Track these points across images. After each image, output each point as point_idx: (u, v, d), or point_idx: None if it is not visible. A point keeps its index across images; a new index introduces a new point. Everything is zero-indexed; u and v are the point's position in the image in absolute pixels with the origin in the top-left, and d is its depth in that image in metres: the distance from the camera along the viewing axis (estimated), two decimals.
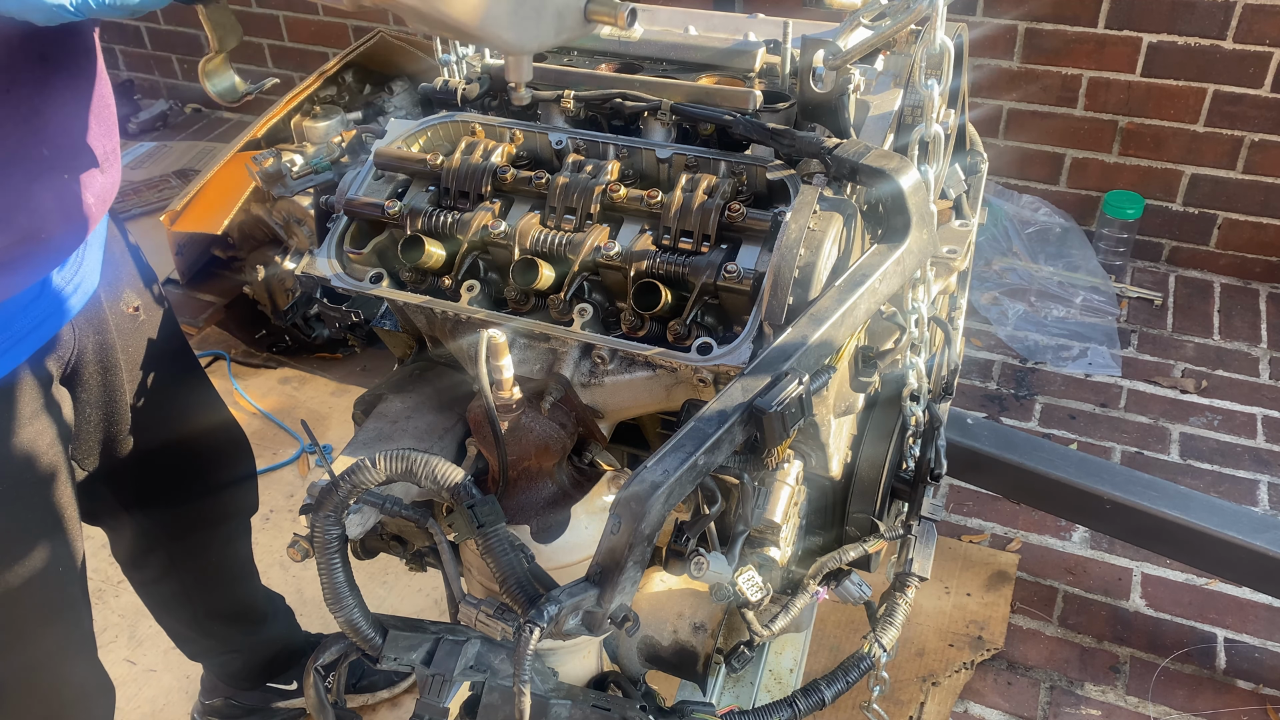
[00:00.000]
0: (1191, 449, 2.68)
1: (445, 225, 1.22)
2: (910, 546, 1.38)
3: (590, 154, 1.27)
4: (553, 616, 0.95)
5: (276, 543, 2.50)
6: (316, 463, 2.72)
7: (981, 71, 3.22)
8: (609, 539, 0.96)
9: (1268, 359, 2.98)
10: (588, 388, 1.23)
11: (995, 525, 2.49)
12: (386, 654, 1.13)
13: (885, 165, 1.10)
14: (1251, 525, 2.00)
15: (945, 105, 1.24)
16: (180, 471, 1.63)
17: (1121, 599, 2.30)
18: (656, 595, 1.39)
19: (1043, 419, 2.80)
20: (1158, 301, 3.21)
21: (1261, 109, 3.02)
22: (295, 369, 3.13)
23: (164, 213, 2.96)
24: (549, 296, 1.18)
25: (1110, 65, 3.11)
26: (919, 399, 1.40)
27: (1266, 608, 2.25)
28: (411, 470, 1.06)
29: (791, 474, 1.17)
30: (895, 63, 1.33)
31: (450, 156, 1.26)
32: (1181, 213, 3.28)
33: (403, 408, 1.33)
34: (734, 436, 0.99)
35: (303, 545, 1.18)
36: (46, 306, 1.22)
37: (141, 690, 2.21)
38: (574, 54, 1.39)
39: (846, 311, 1.05)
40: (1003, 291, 3.19)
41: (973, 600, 2.29)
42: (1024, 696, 2.11)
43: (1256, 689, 2.10)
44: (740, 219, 1.15)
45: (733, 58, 1.31)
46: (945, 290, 1.43)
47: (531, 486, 1.24)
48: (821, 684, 1.31)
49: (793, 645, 1.89)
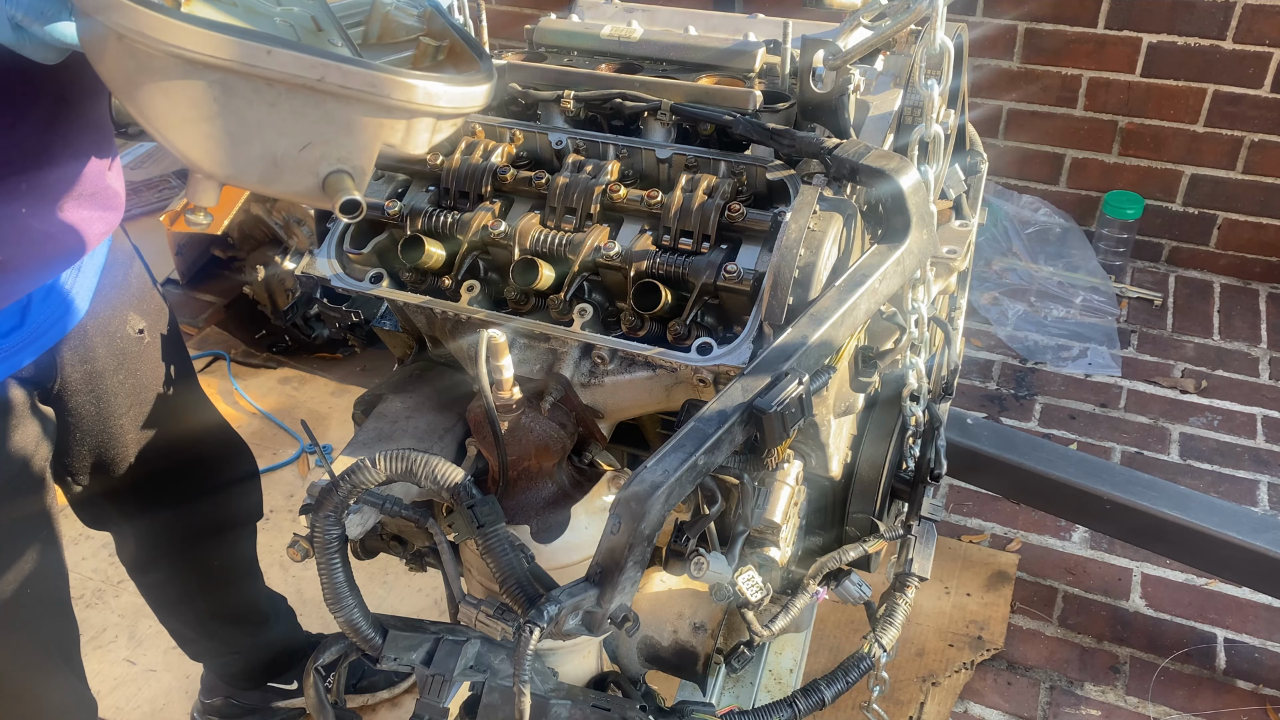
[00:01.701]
0: (1191, 449, 2.68)
1: (445, 225, 1.22)
2: (910, 546, 1.38)
3: (590, 154, 1.27)
4: (553, 616, 0.95)
5: (276, 543, 2.50)
6: (316, 463, 2.72)
7: (981, 71, 3.22)
8: (609, 539, 0.96)
9: (1267, 359, 2.98)
10: (588, 388, 1.23)
11: (995, 525, 2.49)
12: (386, 654, 1.13)
13: (885, 165, 1.09)
14: (1251, 525, 2.00)
15: (945, 105, 1.24)
16: (182, 483, 1.63)
17: (1121, 599, 2.30)
18: (656, 595, 1.39)
19: (1043, 419, 2.80)
20: (1158, 302, 3.21)
21: (1261, 109, 3.02)
22: (295, 369, 3.12)
23: (164, 213, 2.96)
24: (549, 296, 1.18)
25: (1110, 65, 3.11)
26: (919, 399, 1.40)
27: (1266, 608, 2.25)
28: (411, 470, 1.06)
29: (791, 474, 1.17)
30: (895, 63, 1.33)
31: (450, 157, 1.26)
32: (1181, 213, 3.28)
33: (403, 408, 1.33)
34: (734, 436, 0.99)
35: (303, 545, 1.18)
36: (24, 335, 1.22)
37: (141, 690, 2.21)
38: (574, 54, 1.39)
39: (846, 311, 1.05)
40: (1003, 291, 3.19)
41: (973, 600, 2.29)
42: (1024, 696, 2.11)
43: (1256, 689, 2.10)
44: (740, 219, 1.15)
45: (733, 58, 1.31)
46: (945, 290, 1.43)
47: (531, 486, 1.23)
48: (821, 684, 1.31)
49: (793, 645, 1.89)
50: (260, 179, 0.81)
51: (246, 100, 0.77)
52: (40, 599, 1.37)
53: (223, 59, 0.74)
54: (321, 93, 0.77)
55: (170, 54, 0.73)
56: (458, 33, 0.98)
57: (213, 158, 0.80)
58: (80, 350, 1.33)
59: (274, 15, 0.92)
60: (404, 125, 0.82)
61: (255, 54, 0.74)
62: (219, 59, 0.74)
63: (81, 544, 2.51)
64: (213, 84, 0.75)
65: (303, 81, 0.76)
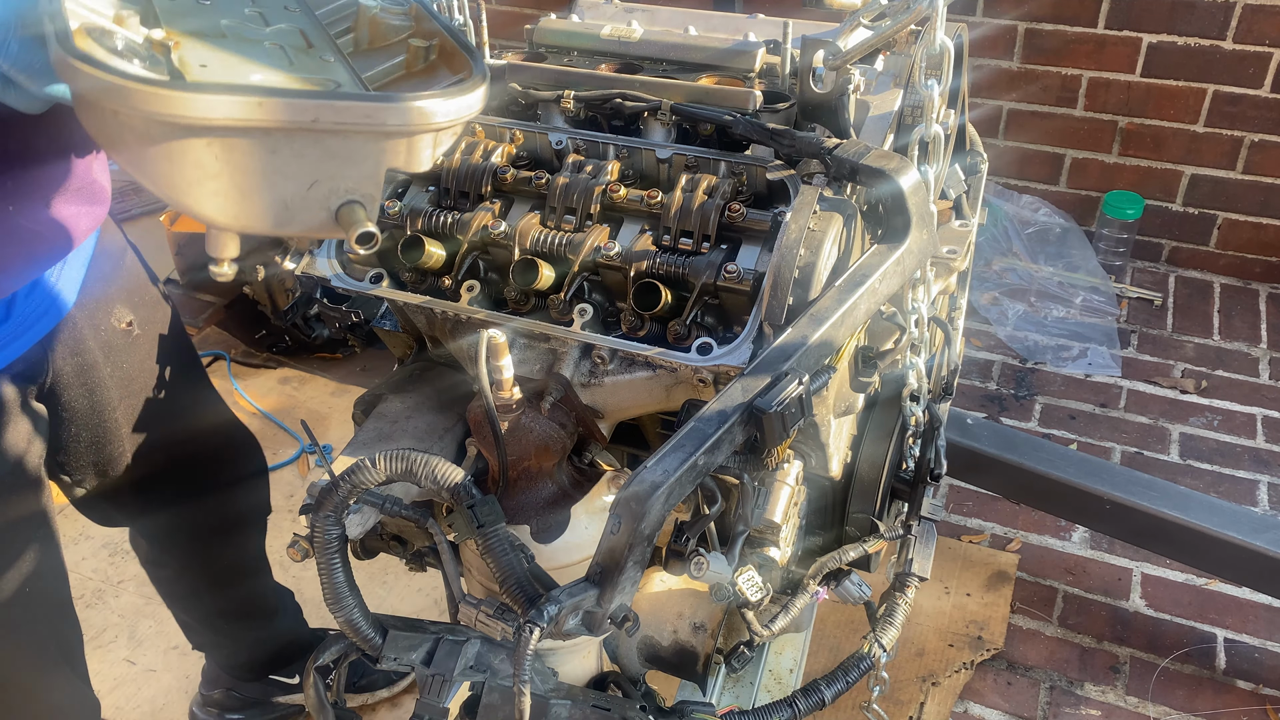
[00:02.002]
0: (1191, 449, 2.68)
1: (445, 225, 1.22)
2: (910, 546, 1.38)
3: (590, 154, 1.27)
4: (553, 616, 0.95)
5: (276, 543, 2.48)
6: (316, 463, 2.72)
7: (981, 71, 3.22)
8: (609, 539, 0.96)
9: (1267, 359, 2.98)
10: (588, 388, 1.23)
11: (995, 525, 2.49)
12: (386, 654, 1.13)
13: (885, 165, 1.09)
14: (1251, 525, 2.00)
15: (945, 105, 1.24)
16: (184, 480, 1.62)
17: (1121, 599, 2.30)
18: (656, 595, 1.39)
19: (1043, 419, 2.80)
20: (1157, 302, 3.21)
21: (1261, 109, 3.02)
22: (295, 369, 3.12)
23: (164, 213, 2.96)
24: (549, 296, 1.18)
25: (1110, 65, 3.11)
26: (919, 399, 1.40)
27: (1266, 608, 2.25)
28: (411, 470, 1.06)
29: (791, 474, 1.17)
30: (895, 63, 1.33)
31: (450, 157, 1.26)
32: (1181, 213, 3.28)
33: (403, 408, 1.33)
34: (734, 436, 0.99)
35: (303, 545, 1.18)
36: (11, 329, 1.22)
37: (141, 690, 2.21)
38: (574, 54, 1.39)
39: (846, 311, 1.05)
40: (1003, 291, 3.19)
41: (973, 600, 2.29)
42: (1024, 696, 2.11)
43: (1256, 689, 2.10)
44: (740, 219, 1.15)
45: (733, 58, 1.31)
46: (945, 290, 1.43)
47: (531, 486, 1.23)
48: (821, 684, 1.31)
49: (793, 645, 1.89)
50: (274, 224, 0.81)
51: (247, 153, 0.76)
52: (39, 599, 1.37)
53: (216, 119, 0.73)
54: (319, 132, 0.77)
55: (163, 122, 0.73)
56: (446, 30, 0.97)
57: (224, 212, 0.79)
58: (70, 343, 1.33)
59: (264, 40, 0.91)
60: (405, 146, 0.81)
61: (247, 108, 0.73)
62: (212, 120, 0.73)
63: (81, 544, 2.51)
64: (211, 143, 0.75)
65: (298, 126, 0.76)
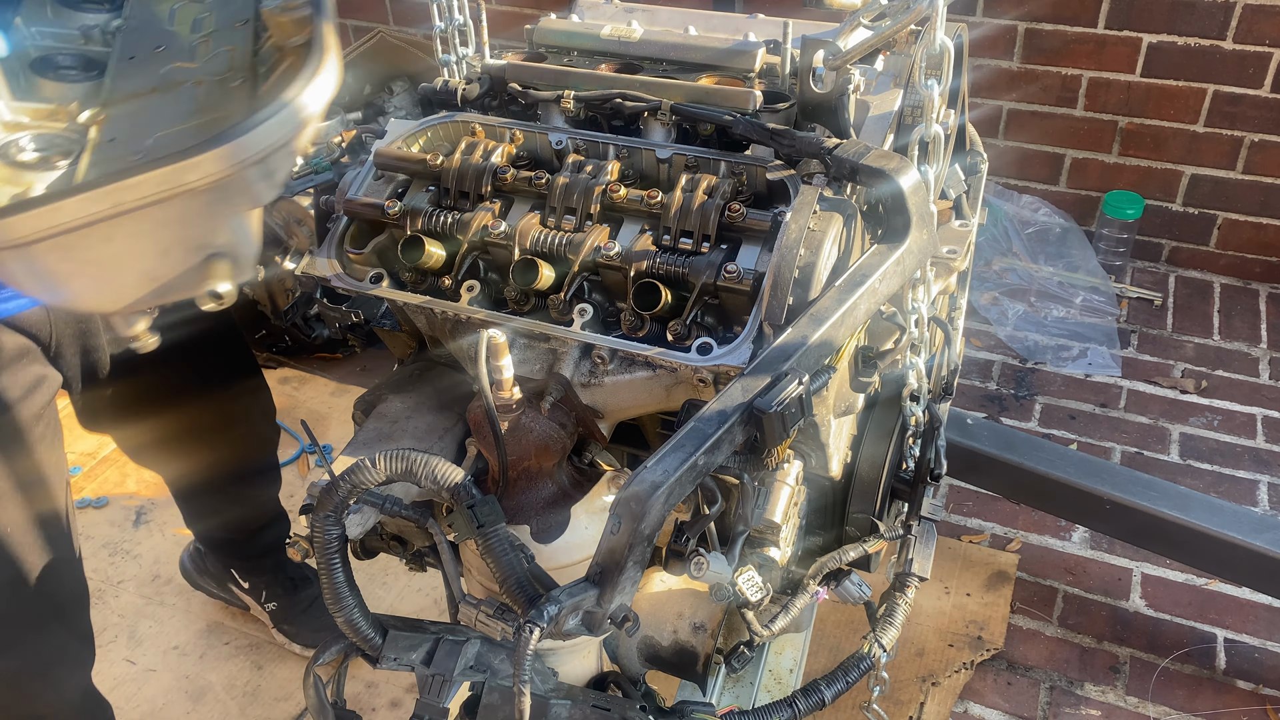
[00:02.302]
0: (1191, 449, 2.68)
1: (445, 225, 1.22)
2: (910, 546, 1.38)
3: (590, 154, 1.27)
4: (553, 616, 0.95)
5: None
6: (316, 463, 2.72)
7: (981, 71, 3.21)
8: (609, 539, 0.96)
9: (1267, 359, 2.98)
10: (588, 388, 1.23)
11: (995, 525, 2.49)
12: (386, 654, 1.13)
13: (885, 165, 1.10)
14: (1251, 525, 2.00)
15: (945, 105, 1.24)
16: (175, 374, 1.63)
17: (1121, 599, 2.30)
18: (656, 595, 1.39)
19: (1043, 419, 2.80)
20: (1158, 302, 3.21)
21: (1261, 109, 3.02)
22: (295, 369, 3.12)
23: None
24: (549, 296, 1.18)
25: (1110, 65, 3.10)
26: (919, 399, 1.40)
27: (1266, 608, 2.25)
28: (411, 470, 1.06)
29: (791, 474, 1.17)
30: (895, 63, 1.33)
31: (450, 157, 1.26)
32: (1181, 213, 3.28)
33: (403, 408, 1.33)
34: (734, 436, 0.99)
35: (302, 545, 1.18)
36: None
37: (141, 690, 2.21)
38: (574, 54, 1.39)
39: (846, 311, 1.05)
40: (1003, 291, 3.19)
41: (973, 600, 2.29)
42: (1024, 696, 2.11)
43: (1256, 689, 2.10)
44: (740, 219, 1.15)
45: (733, 58, 1.31)
46: (945, 290, 1.43)
47: (531, 486, 1.23)
48: (821, 684, 1.31)
49: (793, 645, 1.89)
50: (154, 295, 0.78)
51: (88, 247, 0.73)
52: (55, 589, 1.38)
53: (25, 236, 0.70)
54: (134, 211, 0.73)
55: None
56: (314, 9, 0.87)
57: (102, 301, 0.77)
58: None
59: (191, 78, 0.87)
60: (236, 185, 0.75)
61: (49, 216, 0.70)
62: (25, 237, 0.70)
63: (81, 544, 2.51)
64: (48, 251, 0.72)
65: (106, 215, 0.72)
